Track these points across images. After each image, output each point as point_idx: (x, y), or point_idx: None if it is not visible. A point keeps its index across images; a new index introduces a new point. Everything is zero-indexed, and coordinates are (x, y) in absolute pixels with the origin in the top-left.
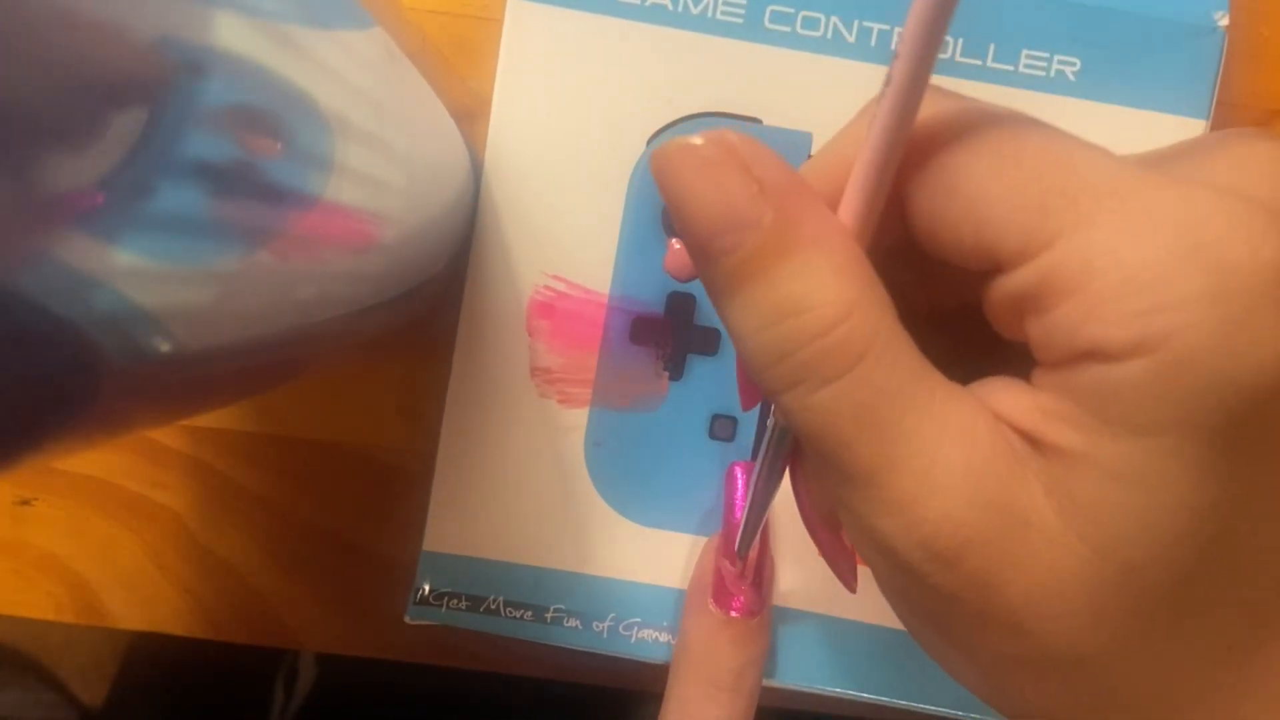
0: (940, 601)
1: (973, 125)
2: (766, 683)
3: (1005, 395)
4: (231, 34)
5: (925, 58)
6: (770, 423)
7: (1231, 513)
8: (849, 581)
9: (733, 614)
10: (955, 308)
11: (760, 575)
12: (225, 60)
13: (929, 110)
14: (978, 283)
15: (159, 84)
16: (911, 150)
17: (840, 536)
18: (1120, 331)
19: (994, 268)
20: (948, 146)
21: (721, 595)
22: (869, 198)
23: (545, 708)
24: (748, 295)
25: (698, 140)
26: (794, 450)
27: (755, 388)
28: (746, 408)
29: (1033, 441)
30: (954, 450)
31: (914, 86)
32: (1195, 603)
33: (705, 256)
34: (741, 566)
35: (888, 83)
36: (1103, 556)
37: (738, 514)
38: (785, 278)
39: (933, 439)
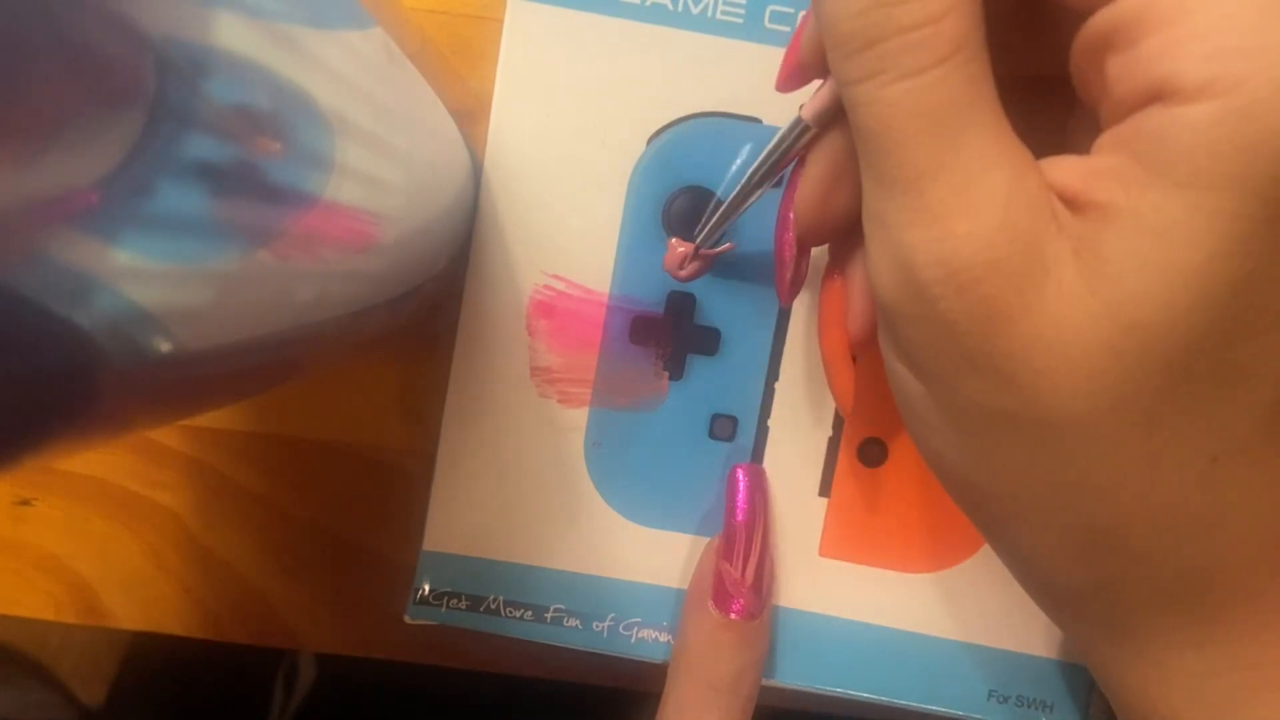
0: (938, 335)
1: None
2: (766, 682)
3: (1060, 165)
4: (232, 34)
5: None
6: (795, 120)
7: (1255, 295)
8: (785, 292)
9: (732, 616)
10: (1034, 79)
11: (760, 578)
12: (225, 60)
13: None
14: (1068, 30)
15: (159, 83)
16: None
17: (803, 251)
18: (1196, 67)
19: (1096, 3)
20: None
21: (721, 598)
22: None
23: (545, 708)
24: None
25: None
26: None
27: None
28: (781, 84)
29: (1075, 205)
30: (1000, 177)
31: None
32: (1192, 387)
33: None
34: (741, 569)
35: None
36: (1111, 314)
37: (739, 517)
38: None
39: (985, 160)
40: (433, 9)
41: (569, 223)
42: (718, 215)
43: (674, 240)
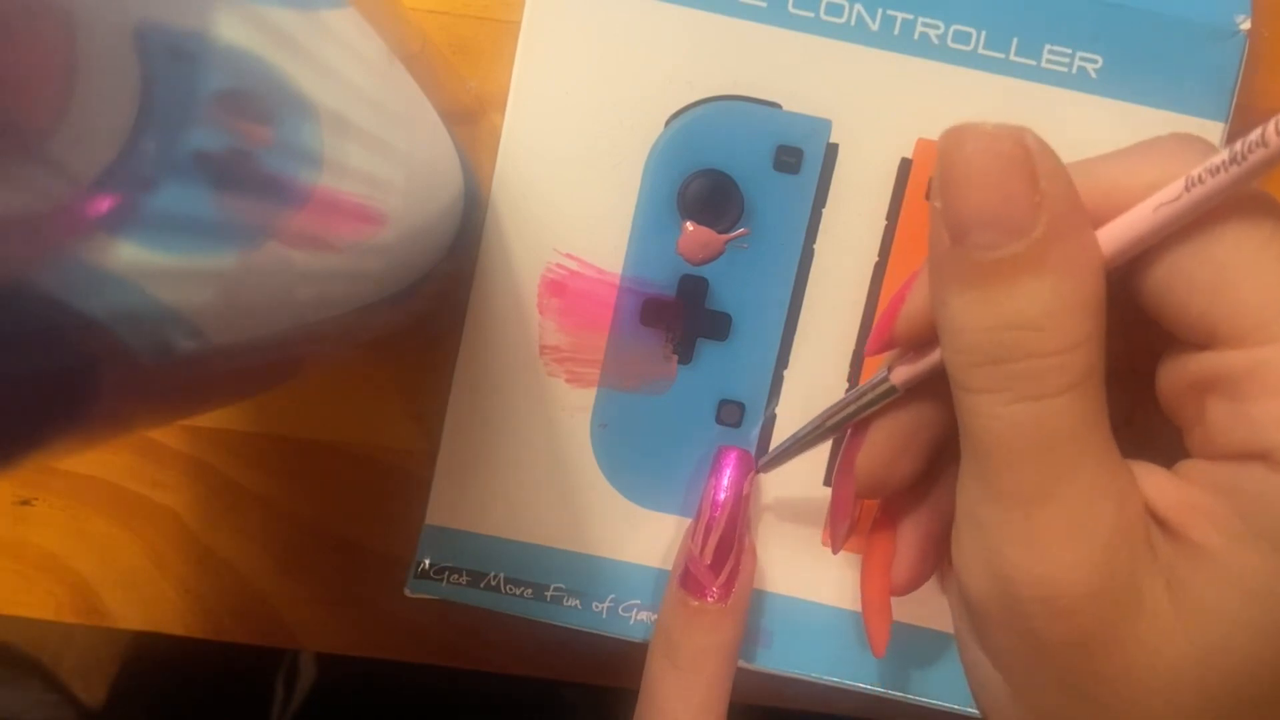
0: (1028, 648)
1: (1258, 206)
2: (763, 669)
3: (1151, 480)
4: (215, 19)
5: None
6: (881, 379)
7: None
8: (839, 541)
9: (706, 599)
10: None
11: (723, 560)
12: (210, 46)
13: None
14: (1161, 352)
15: (145, 73)
16: None
17: (857, 502)
18: None
19: (1205, 342)
20: (1225, 216)
21: (686, 578)
22: (1140, 241)
23: (545, 707)
24: (990, 293)
25: (1000, 132)
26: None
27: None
28: (871, 351)
29: (1168, 530)
30: (1107, 508)
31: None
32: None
33: (959, 240)
34: (700, 547)
35: (1235, 160)
36: (1204, 659)
37: (718, 494)
38: (1033, 291)
39: (1094, 490)
40: (433, 9)
41: (584, 202)
42: (787, 450)
43: (689, 223)
